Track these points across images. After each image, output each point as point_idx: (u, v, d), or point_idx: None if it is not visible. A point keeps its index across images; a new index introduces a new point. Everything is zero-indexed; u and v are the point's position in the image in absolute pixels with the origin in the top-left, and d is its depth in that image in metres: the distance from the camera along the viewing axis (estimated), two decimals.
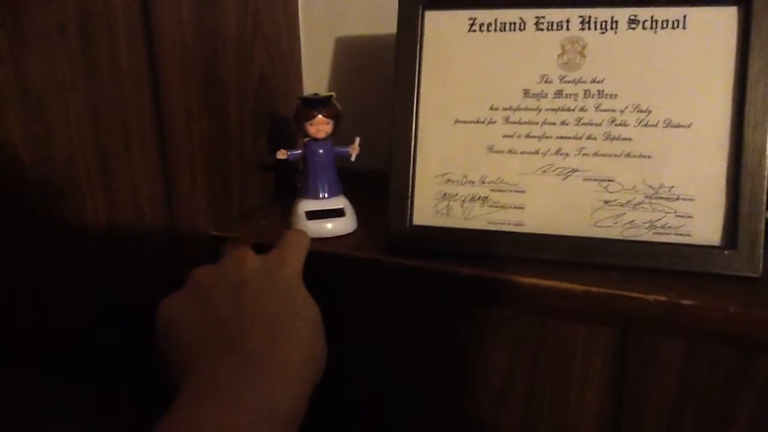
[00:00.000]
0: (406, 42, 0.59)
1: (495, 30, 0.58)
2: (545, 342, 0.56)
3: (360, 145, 0.67)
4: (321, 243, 0.61)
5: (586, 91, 0.55)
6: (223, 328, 0.41)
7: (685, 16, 0.53)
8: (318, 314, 0.46)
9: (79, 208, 0.53)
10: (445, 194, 0.59)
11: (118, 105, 0.55)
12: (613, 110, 0.55)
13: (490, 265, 0.55)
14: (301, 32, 0.83)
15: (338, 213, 0.65)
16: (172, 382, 0.40)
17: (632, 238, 0.54)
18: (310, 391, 0.42)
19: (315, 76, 0.84)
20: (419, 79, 0.59)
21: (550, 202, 0.56)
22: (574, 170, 0.56)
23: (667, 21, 0.53)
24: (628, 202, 0.54)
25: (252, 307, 0.42)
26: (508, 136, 0.57)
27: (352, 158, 0.67)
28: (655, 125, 0.54)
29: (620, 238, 0.55)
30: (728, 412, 0.51)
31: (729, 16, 0.52)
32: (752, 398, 0.50)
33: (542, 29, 0.56)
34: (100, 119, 0.53)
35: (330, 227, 0.64)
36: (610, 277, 0.52)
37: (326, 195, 0.65)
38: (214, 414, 0.36)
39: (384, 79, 0.61)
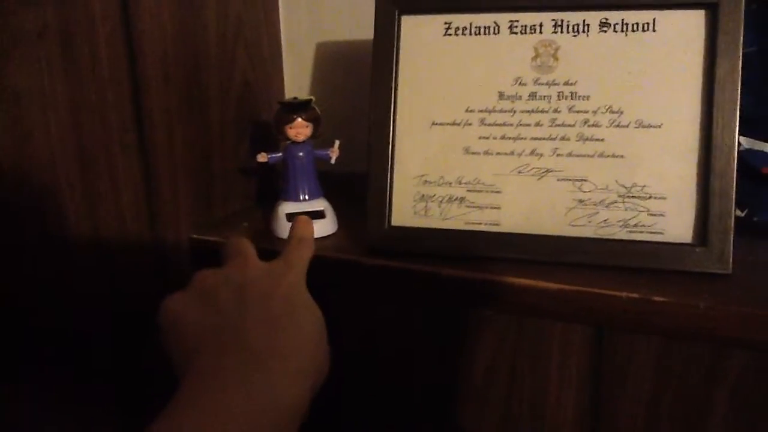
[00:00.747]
0: (383, 46, 0.60)
1: (470, 34, 0.59)
2: (523, 341, 0.57)
3: (340, 148, 0.67)
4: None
5: (559, 93, 0.56)
6: (225, 327, 0.41)
7: (654, 19, 0.54)
8: (321, 318, 0.46)
9: (60, 212, 0.53)
10: (423, 195, 0.60)
11: (99, 110, 0.56)
12: (586, 111, 0.56)
13: (468, 265, 0.56)
14: (282, 38, 0.84)
15: (319, 215, 0.65)
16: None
17: (606, 237, 0.55)
18: (311, 392, 0.42)
19: (296, 81, 0.85)
20: (396, 82, 0.60)
21: (526, 202, 0.57)
22: (549, 170, 0.57)
23: (638, 24, 0.54)
24: (601, 201, 0.55)
25: (255, 308, 0.42)
26: (484, 137, 0.58)
27: (332, 161, 0.67)
28: (627, 126, 0.55)
29: (594, 236, 0.55)
30: (703, 406, 0.52)
31: (697, 19, 0.53)
32: (726, 392, 0.51)
33: (516, 33, 0.57)
34: (80, 124, 0.54)
35: None
36: (584, 275, 0.53)
37: (307, 197, 0.66)
38: (216, 410, 0.36)
39: (364, 84, 0.62)
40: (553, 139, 0.57)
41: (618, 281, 0.52)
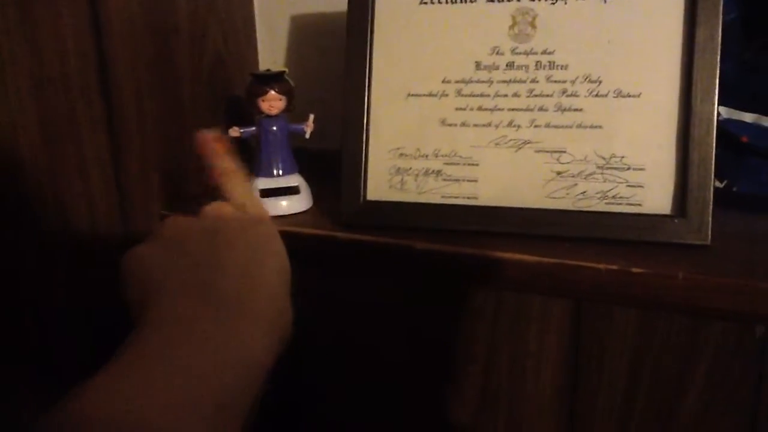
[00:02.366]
0: (358, 16, 0.59)
1: (446, 2, 0.57)
2: (501, 314, 0.56)
3: (314, 122, 0.66)
4: (276, 220, 0.60)
5: (537, 62, 0.55)
6: (193, 272, 0.38)
7: None
8: (289, 272, 0.43)
9: (23, 185, 0.51)
10: (399, 168, 0.58)
11: (62, 81, 0.54)
12: (564, 81, 0.55)
13: (444, 238, 0.55)
14: (256, 10, 0.82)
15: (293, 191, 0.64)
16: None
17: (584, 209, 0.55)
18: (278, 347, 0.39)
19: (270, 55, 0.83)
20: (371, 53, 0.59)
21: (503, 174, 0.56)
22: (527, 142, 0.56)
23: None
24: (579, 173, 0.55)
25: (225, 254, 0.39)
26: (461, 108, 0.57)
27: (307, 135, 0.66)
28: (606, 95, 0.54)
29: (573, 209, 0.55)
30: (682, 377, 0.52)
31: None
32: (704, 363, 0.51)
33: (493, 1, 0.56)
34: (43, 95, 0.52)
35: (285, 205, 0.63)
36: (562, 247, 0.52)
37: (281, 172, 0.65)
38: (181, 354, 0.32)
39: (340, 58, 0.60)
40: (530, 110, 0.56)
41: (596, 253, 0.51)
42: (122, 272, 0.40)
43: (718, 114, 0.52)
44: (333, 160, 0.62)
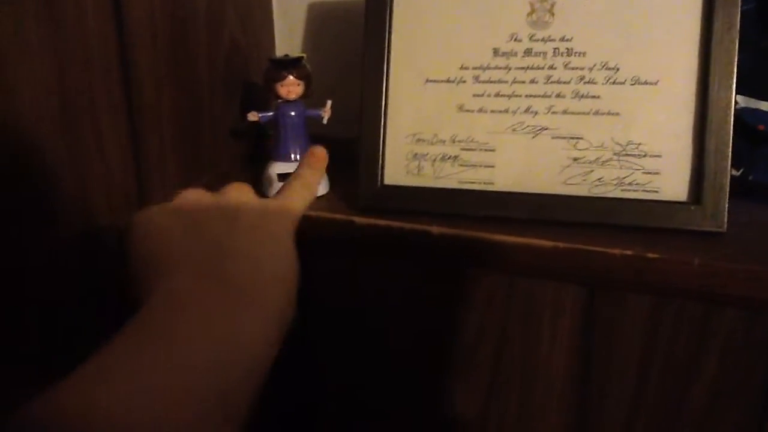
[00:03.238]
0: (376, 2, 0.59)
1: None
2: (514, 299, 0.57)
3: (332, 108, 0.66)
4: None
5: (555, 49, 0.56)
6: (207, 251, 0.37)
7: None
8: (297, 272, 0.42)
9: (45, 171, 0.52)
10: (416, 154, 0.59)
11: (84, 67, 0.54)
12: (582, 68, 0.55)
13: (460, 223, 0.55)
14: None
15: None
16: (133, 299, 0.36)
17: (601, 195, 0.55)
18: (280, 340, 0.38)
19: (288, 41, 0.84)
20: (389, 39, 0.59)
21: (520, 160, 0.57)
22: (544, 128, 0.56)
23: None
24: (596, 159, 0.55)
25: (242, 239, 0.39)
26: (478, 95, 0.57)
27: (324, 120, 0.66)
28: (623, 83, 0.54)
29: (589, 195, 0.55)
30: (693, 364, 0.52)
31: None
32: (716, 350, 0.52)
33: None
34: (66, 81, 0.53)
35: None
36: (578, 233, 0.53)
37: (298, 157, 0.65)
38: (184, 342, 0.31)
39: (357, 44, 0.61)
40: (548, 97, 0.56)
41: (612, 239, 0.51)
42: (132, 233, 0.40)
43: (735, 102, 0.53)
44: (350, 146, 0.63)
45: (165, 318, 0.33)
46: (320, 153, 0.50)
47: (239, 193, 0.44)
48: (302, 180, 0.48)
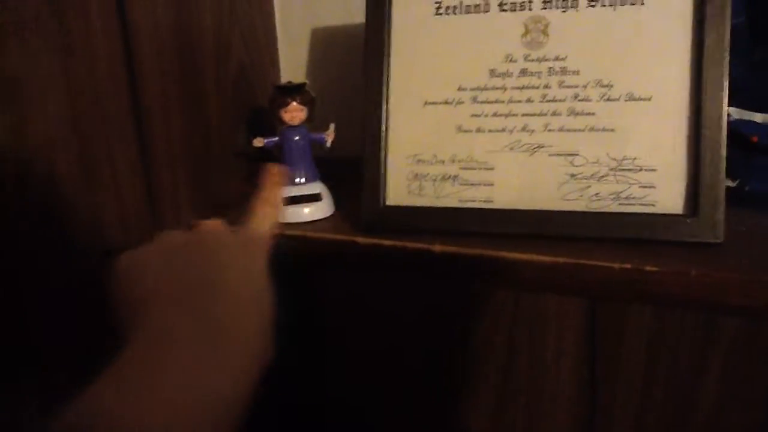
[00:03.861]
0: (375, 27, 0.61)
1: (460, 12, 0.59)
2: (519, 315, 0.57)
3: (335, 131, 0.68)
4: (297, 227, 0.63)
5: (549, 68, 0.57)
6: (188, 289, 0.38)
7: None
8: (271, 300, 0.42)
9: (59, 198, 0.54)
10: (417, 174, 0.60)
11: (96, 98, 0.56)
12: (576, 86, 0.56)
13: (461, 241, 0.56)
14: (278, 24, 0.85)
15: (315, 198, 0.66)
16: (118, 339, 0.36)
17: (598, 210, 0.56)
18: (258, 376, 0.38)
19: (293, 67, 0.86)
20: (388, 63, 0.61)
21: (518, 177, 0.58)
22: (541, 146, 0.57)
23: None
24: (593, 175, 0.56)
25: (221, 276, 0.39)
26: (476, 115, 0.59)
27: (328, 144, 0.68)
28: (617, 99, 0.55)
29: (586, 210, 0.56)
30: (697, 373, 0.53)
31: None
32: (719, 359, 0.52)
33: (506, 10, 0.58)
34: (78, 112, 0.55)
35: (307, 212, 0.65)
36: (578, 248, 0.54)
37: (303, 180, 0.67)
38: (164, 378, 0.32)
39: (359, 67, 0.63)
40: (544, 115, 0.57)
41: (611, 253, 0.52)
42: (112, 274, 0.40)
43: (729, 115, 0.54)
44: (354, 166, 0.64)
45: (152, 354, 0.34)
46: (275, 170, 0.50)
47: (214, 230, 0.44)
48: (265, 202, 0.48)
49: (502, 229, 0.57)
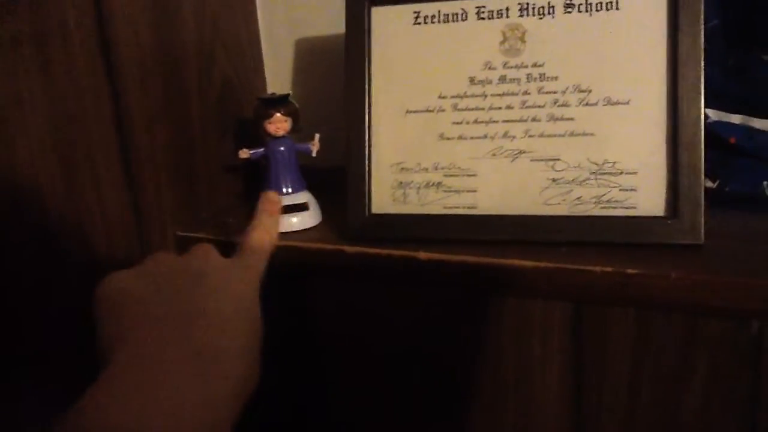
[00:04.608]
0: (355, 38, 0.61)
1: (439, 22, 0.60)
2: (504, 320, 0.58)
3: (320, 141, 0.68)
4: (285, 236, 0.63)
5: (528, 75, 0.57)
6: (174, 314, 0.38)
7: None
8: (261, 327, 0.42)
9: (44, 216, 0.54)
10: (401, 182, 0.61)
11: (78, 116, 0.57)
12: (555, 92, 0.57)
13: (446, 248, 0.57)
14: (261, 35, 0.85)
15: (302, 207, 0.66)
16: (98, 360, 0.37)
17: (580, 214, 0.56)
18: (242, 404, 0.38)
19: (277, 78, 0.86)
20: (370, 73, 0.61)
21: (501, 183, 0.58)
22: (522, 152, 0.58)
23: (601, 3, 0.55)
24: (574, 179, 0.56)
25: (207, 303, 0.39)
26: (457, 122, 0.59)
27: (313, 153, 0.68)
28: (596, 104, 0.56)
29: (569, 214, 0.57)
30: (682, 375, 0.53)
31: None
32: (704, 361, 0.52)
33: (483, 18, 0.58)
34: (60, 130, 0.55)
35: (295, 221, 0.66)
36: (560, 252, 0.54)
37: (290, 190, 0.67)
38: (146, 400, 0.32)
39: (342, 77, 0.63)
40: (524, 121, 0.58)
41: (593, 256, 0.53)
42: (98, 295, 0.40)
43: (707, 116, 0.54)
44: (339, 175, 0.65)
45: (134, 376, 0.34)
46: (274, 197, 0.51)
47: (204, 255, 0.45)
48: (262, 229, 0.50)
49: (486, 235, 0.58)
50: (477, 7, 0.58)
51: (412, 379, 0.64)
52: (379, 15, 0.61)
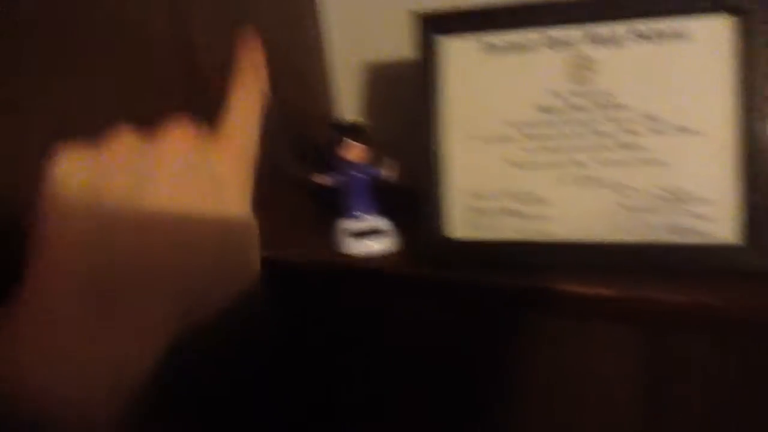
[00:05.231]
0: (425, 68, 0.63)
1: (507, 51, 0.61)
2: (578, 346, 0.59)
3: (392, 165, 0.70)
4: (361, 261, 0.66)
5: (596, 102, 0.58)
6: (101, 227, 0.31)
7: (685, 27, 0.55)
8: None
9: None
10: (474, 208, 0.62)
11: None
12: (625, 120, 0.57)
13: (519, 273, 0.58)
14: (331, 61, 0.88)
15: (377, 232, 0.69)
16: None
17: (652, 242, 0.57)
18: (159, 348, 0.32)
19: (348, 102, 0.88)
20: (440, 102, 0.63)
21: (573, 210, 0.59)
22: (592, 179, 0.58)
23: (668, 32, 0.55)
24: (646, 207, 0.57)
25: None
26: (527, 150, 0.60)
27: (387, 179, 0.70)
28: (666, 132, 0.56)
29: (641, 241, 0.57)
30: (759, 405, 0.53)
31: (727, 25, 0.54)
32: None
33: (551, 48, 0.59)
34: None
35: (375, 246, 0.68)
36: (633, 279, 0.55)
37: (364, 215, 0.70)
38: None
39: (411, 100, 0.65)
40: (594, 149, 0.58)
41: (667, 285, 0.53)
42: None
43: None
44: (410, 197, 0.66)
45: (40, 301, 0.29)
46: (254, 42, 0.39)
47: (182, 142, 0.35)
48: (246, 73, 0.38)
49: (559, 261, 0.59)
50: (544, 37, 0.59)
51: (480, 400, 0.65)
52: (446, 45, 0.63)
